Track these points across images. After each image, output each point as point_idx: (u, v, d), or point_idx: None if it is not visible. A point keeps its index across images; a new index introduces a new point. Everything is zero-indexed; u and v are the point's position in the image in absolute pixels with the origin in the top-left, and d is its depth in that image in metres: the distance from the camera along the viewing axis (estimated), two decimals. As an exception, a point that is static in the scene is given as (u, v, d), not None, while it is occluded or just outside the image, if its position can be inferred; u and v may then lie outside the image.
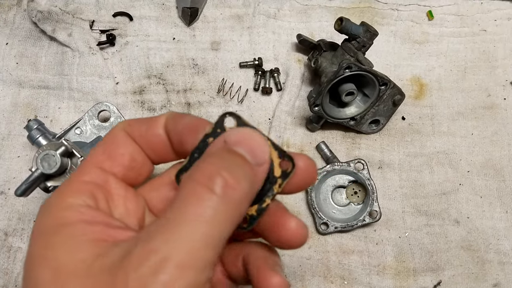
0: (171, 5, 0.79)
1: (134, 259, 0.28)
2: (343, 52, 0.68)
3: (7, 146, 0.72)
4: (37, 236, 0.32)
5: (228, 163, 0.32)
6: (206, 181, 0.30)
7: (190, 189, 0.30)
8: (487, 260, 0.67)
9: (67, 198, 0.33)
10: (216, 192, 0.30)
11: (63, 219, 0.32)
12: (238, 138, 0.34)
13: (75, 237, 0.31)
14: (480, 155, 0.73)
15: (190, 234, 0.28)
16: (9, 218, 0.68)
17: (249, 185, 0.32)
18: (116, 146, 0.37)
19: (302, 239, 0.36)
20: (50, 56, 0.76)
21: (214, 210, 0.29)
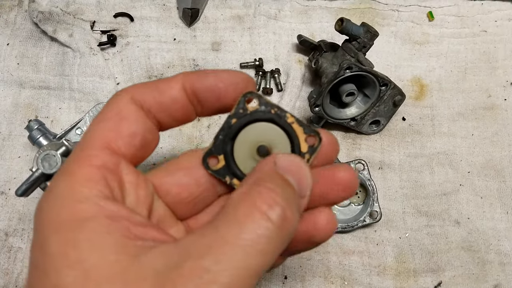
0: (172, 5, 0.79)
1: (184, 274, 0.26)
2: (344, 52, 0.68)
3: (8, 146, 0.72)
4: (51, 231, 0.28)
5: (285, 193, 0.31)
6: (265, 209, 0.29)
7: (248, 212, 0.29)
8: (487, 260, 0.67)
9: (81, 188, 0.29)
10: (274, 222, 0.29)
11: (82, 213, 0.28)
12: (289, 165, 0.33)
13: (101, 235, 0.27)
14: (481, 156, 0.73)
15: (242, 262, 0.27)
16: (9, 218, 0.68)
17: (298, 216, 0.31)
18: (126, 123, 0.33)
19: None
20: (51, 56, 0.76)
21: (269, 240, 0.28)
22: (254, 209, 0.29)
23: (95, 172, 0.30)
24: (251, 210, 0.29)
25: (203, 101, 0.35)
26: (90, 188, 0.29)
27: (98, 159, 0.31)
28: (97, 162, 0.31)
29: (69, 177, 0.30)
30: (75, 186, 0.29)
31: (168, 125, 0.36)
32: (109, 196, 0.30)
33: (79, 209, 0.28)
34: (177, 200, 0.36)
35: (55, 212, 0.28)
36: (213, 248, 0.27)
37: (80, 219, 0.28)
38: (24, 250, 0.67)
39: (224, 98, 0.35)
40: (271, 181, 0.31)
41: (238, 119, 0.36)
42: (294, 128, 0.36)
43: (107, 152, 0.32)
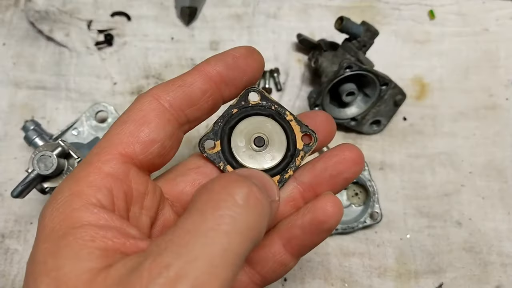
0: (170, 4, 0.78)
1: (144, 275, 0.24)
2: (344, 51, 0.67)
3: (4, 147, 0.71)
4: (43, 238, 0.29)
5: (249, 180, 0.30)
6: (226, 189, 0.28)
7: (207, 198, 0.27)
8: (489, 262, 0.67)
9: (81, 195, 0.29)
10: (238, 199, 0.27)
11: (74, 220, 0.28)
12: (249, 173, 0.32)
13: (83, 242, 0.27)
14: (482, 156, 0.72)
15: (207, 247, 0.25)
16: (5, 220, 0.67)
17: (269, 203, 0.30)
18: (147, 128, 0.33)
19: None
20: (47, 56, 0.75)
21: (234, 219, 0.26)
22: (213, 193, 0.28)
23: (100, 179, 0.30)
24: (210, 195, 0.28)
25: (230, 80, 0.36)
26: (89, 196, 0.29)
27: (108, 166, 0.31)
28: (106, 169, 0.31)
29: (74, 182, 0.30)
30: (76, 192, 0.30)
31: (198, 120, 0.37)
32: (107, 205, 0.30)
33: (73, 215, 0.28)
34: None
35: (51, 218, 0.29)
36: (174, 241, 0.25)
37: (69, 227, 0.28)
38: (21, 252, 0.66)
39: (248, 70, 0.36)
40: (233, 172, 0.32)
41: (239, 110, 0.37)
42: (292, 125, 0.37)
43: (119, 159, 0.32)
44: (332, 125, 0.39)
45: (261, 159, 0.37)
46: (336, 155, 0.37)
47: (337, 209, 0.35)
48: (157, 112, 0.33)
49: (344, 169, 0.37)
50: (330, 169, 0.37)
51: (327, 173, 0.37)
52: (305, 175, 0.38)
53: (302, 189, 0.37)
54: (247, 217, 0.27)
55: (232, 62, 0.36)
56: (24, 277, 0.29)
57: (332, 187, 0.38)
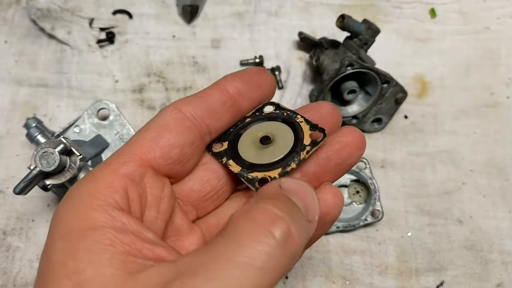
0: (171, 2, 0.78)
1: None
2: (345, 49, 0.67)
3: (6, 144, 0.71)
4: (59, 237, 0.28)
5: (290, 209, 0.29)
6: (267, 223, 0.27)
7: (248, 228, 0.27)
8: (490, 260, 0.67)
9: (98, 195, 0.29)
10: (276, 237, 0.27)
11: (91, 221, 0.28)
12: (294, 188, 0.31)
13: (104, 247, 0.27)
14: (483, 154, 0.72)
15: (238, 279, 0.25)
16: (7, 217, 0.68)
17: (306, 239, 0.29)
18: (167, 134, 0.34)
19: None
20: (49, 54, 0.75)
21: (269, 257, 0.26)
22: (254, 225, 0.27)
23: (118, 180, 0.30)
24: (251, 225, 0.27)
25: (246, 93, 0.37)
26: (106, 196, 0.29)
27: (125, 168, 0.31)
28: (123, 171, 0.31)
29: (92, 182, 0.30)
30: (93, 192, 0.30)
31: (218, 131, 0.38)
32: (123, 207, 0.30)
33: (90, 216, 0.28)
34: (200, 197, 0.37)
35: (68, 217, 0.29)
36: (207, 265, 0.26)
37: (87, 228, 0.28)
38: (23, 249, 0.66)
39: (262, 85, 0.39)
40: (276, 198, 0.30)
41: (251, 118, 0.39)
42: (301, 125, 0.37)
43: (137, 162, 0.32)
44: (337, 116, 0.39)
45: (265, 155, 0.37)
46: (338, 141, 0.37)
47: (338, 199, 0.35)
48: (178, 120, 0.34)
49: (348, 155, 0.36)
50: (334, 158, 0.37)
51: (332, 162, 0.37)
52: (309, 165, 0.37)
53: (307, 180, 0.36)
54: (282, 258, 0.27)
55: (248, 78, 0.38)
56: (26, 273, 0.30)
57: (336, 174, 0.37)
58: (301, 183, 0.32)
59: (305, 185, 0.32)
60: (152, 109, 0.73)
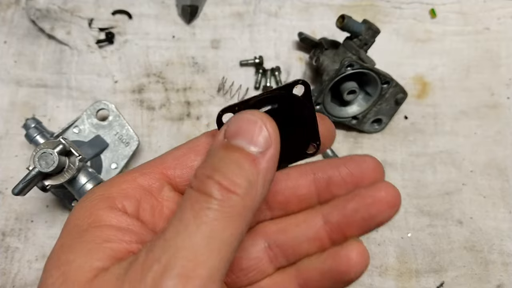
0: (171, 2, 0.78)
1: (138, 269, 0.26)
2: (345, 50, 0.67)
3: (5, 145, 0.71)
4: (63, 234, 0.30)
5: (223, 162, 0.29)
6: (200, 186, 0.28)
7: (187, 196, 0.28)
8: (490, 261, 0.66)
9: (110, 198, 0.31)
10: (214, 195, 0.27)
11: (96, 219, 0.30)
12: (236, 128, 0.30)
13: (98, 241, 0.29)
14: (484, 155, 0.72)
15: (188, 238, 0.26)
16: (6, 218, 0.67)
17: (248, 181, 0.29)
18: (193, 155, 0.34)
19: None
20: (48, 54, 0.75)
21: (212, 212, 0.27)
22: (192, 191, 0.28)
23: (132, 189, 0.32)
24: (190, 193, 0.28)
25: None
26: (116, 200, 0.31)
27: (143, 179, 0.32)
28: (140, 181, 0.32)
29: (107, 186, 0.32)
30: (106, 195, 0.31)
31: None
32: (131, 213, 0.31)
33: (96, 215, 0.30)
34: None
35: (78, 215, 0.30)
36: (162, 237, 0.27)
37: (90, 225, 0.29)
38: (21, 250, 0.66)
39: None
40: (210, 156, 0.30)
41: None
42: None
43: (156, 175, 0.33)
44: (380, 173, 0.36)
45: None
46: (370, 195, 0.33)
47: (363, 260, 0.33)
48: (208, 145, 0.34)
49: (378, 212, 0.33)
50: (362, 211, 0.33)
51: (359, 215, 0.34)
52: (334, 214, 0.35)
53: (329, 229, 0.35)
54: (224, 208, 0.27)
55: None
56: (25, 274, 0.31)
57: (362, 230, 0.34)
58: (243, 117, 0.31)
59: (248, 116, 0.31)
60: (151, 109, 0.73)
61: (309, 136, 0.34)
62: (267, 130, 0.30)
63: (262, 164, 0.30)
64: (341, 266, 0.33)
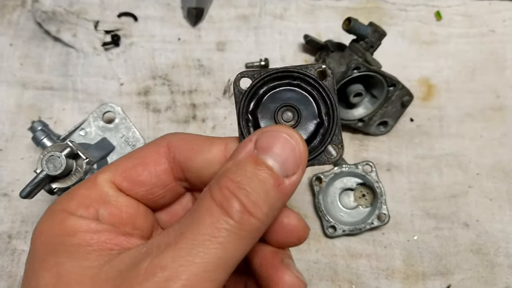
0: (176, 5, 0.78)
1: (141, 273, 0.27)
2: (351, 52, 0.67)
3: (11, 147, 0.71)
4: (40, 243, 0.31)
5: (250, 180, 0.29)
6: (223, 202, 0.28)
7: (207, 207, 0.29)
8: (496, 263, 0.66)
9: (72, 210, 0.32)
10: (233, 216, 0.28)
11: (69, 229, 0.31)
12: (268, 143, 0.30)
13: (80, 246, 0.30)
14: (490, 157, 0.72)
15: (201, 255, 0.27)
16: (12, 220, 0.67)
17: (270, 207, 0.29)
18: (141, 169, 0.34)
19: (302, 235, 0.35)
20: (54, 57, 0.75)
21: (229, 234, 0.28)
22: (212, 204, 0.28)
23: (88, 200, 0.33)
24: (210, 204, 0.29)
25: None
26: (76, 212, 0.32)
27: (97, 190, 0.33)
28: (96, 192, 0.33)
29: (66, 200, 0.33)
30: (67, 208, 0.32)
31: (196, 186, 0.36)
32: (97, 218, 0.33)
33: (66, 224, 0.31)
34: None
35: (47, 227, 0.32)
36: (172, 245, 0.27)
37: (65, 234, 0.30)
38: (27, 253, 0.66)
39: None
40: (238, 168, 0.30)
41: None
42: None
43: (111, 185, 0.34)
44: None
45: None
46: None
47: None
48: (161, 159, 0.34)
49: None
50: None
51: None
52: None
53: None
54: (242, 232, 0.28)
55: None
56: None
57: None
58: (280, 131, 0.30)
59: (284, 135, 0.30)
60: (157, 112, 0.73)
61: (329, 136, 0.33)
62: (299, 153, 0.30)
63: (287, 189, 0.30)
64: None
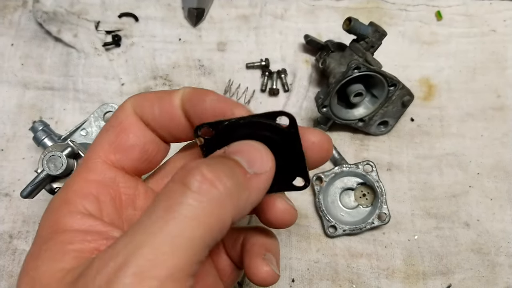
0: (177, 5, 0.78)
1: (94, 267, 0.25)
2: (352, 52, 0.67)
3: (12, 147, 0.71)
4: (34, 242, 0.31)
5: (215, 161, 0.29)
6: (182, 176, 0.27)
7: (164, 189, 0.27)
8: (497, 263, 0.66)
9: (69, 203, 0.31)
10: (191, 187, 0.26)
11: (59, 226, 0.30)
12: (236, 149, 0.31)
13: (61, 245, 0.29)
14: (490, 157, 0.72)
15: (152, 235, 0.24)
16: (13, 220, 0.68)
17: (235, 185, 0.28)
18: (125, 136, 0.33)
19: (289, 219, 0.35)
20: (55, 57, 0.75)
21: (186, 207, 0.25)
22: (170, 182, 0.27)
23: (87, 187, 0.32)
24: (168, 184, 0.27)
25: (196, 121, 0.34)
26: (76, 203, 0.31)
27: (93, 174, 0.32)
28: (91, 177, 0.32)
29: (64, 191, 0.32)
30: (66, 200, 0.31)
31: (170, 140, 0.36)
32: (93, 212, 0.31)
33: (59, 221, 0.30)
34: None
35: (44, 225, 0.31)
36: (126, 234, 0.26)
37: (54, 232, 0.30)
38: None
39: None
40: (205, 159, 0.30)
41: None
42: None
43: (103, 166, 0.33)
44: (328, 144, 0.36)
45: None
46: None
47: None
48: (134, 118, 0.34)
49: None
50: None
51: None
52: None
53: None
54: (200, 203, 0.26)
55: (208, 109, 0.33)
56: None
57: None
58: (247, 143, 0.31)
59: (251, 143, 0.31)
60: (158, 112, 0.73)
61: (297, 170, 0.34)
62: (265, 158, 0.31)
63: (253, 183, 0.30)
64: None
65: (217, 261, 0.39)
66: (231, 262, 0.39)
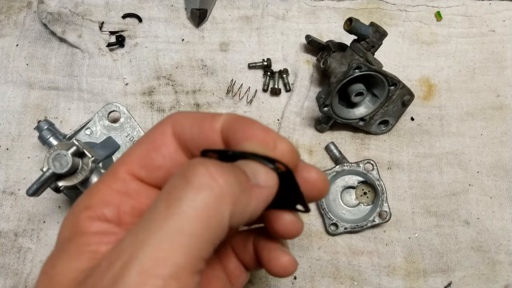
0: (180, 6, 0.79)
1: (102, 266, 0.26)
2: (352, 52, 0.68)
3: (18, 147, 0.72)
4: (55, 244, 0.33)
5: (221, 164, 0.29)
6: (185, 171, 0.27)
7: (166, 185, 0.28)
8: (497, 261, 0.67)
9: (90, 209, 0.32)
10: (193, 181, 0.26)
11: (78, 229, 0.31)
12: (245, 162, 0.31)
13: (78, 246, 0.30)
14: (490, 156, 0.72)
15: (155, 234, 0.24)
16: (19, 218, 0.68)
17: (236, 184, 0.28)
18: (155, 155, 0.33)
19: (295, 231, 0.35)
20: (60, 57, 0.76)
21: (186, 203, 0.25)
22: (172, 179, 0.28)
23: (110, 196, 0.32)
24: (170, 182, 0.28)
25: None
26: (96, 210, 0.32)
27: (118, 184, 0.33)
28: (116, 186, 0.33)
29: (87, 197, 0.33)
30: (87, 206, 0.32)
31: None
32: (111, 219, 0.32)
33: (79, 225, 0.31)
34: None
35: (64, 228, 0.32)
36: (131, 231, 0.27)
37: (73, 235, 0.31)
38: (34, 251, 0.67)
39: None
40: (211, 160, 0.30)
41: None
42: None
43: (130, 177, 0.33)
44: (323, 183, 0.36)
45: None
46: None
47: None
48: (169, 139, 0.33)
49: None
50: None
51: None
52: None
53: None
54: (202, 198, 0.25)
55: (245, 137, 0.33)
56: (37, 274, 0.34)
57: None
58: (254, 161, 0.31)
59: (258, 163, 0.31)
60: (161, 111, 0.74)
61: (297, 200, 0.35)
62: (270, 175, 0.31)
63: (255, 191, 0.30)
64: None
65: (226, 265, 0.40)
66: (241, 264, 0.40)
